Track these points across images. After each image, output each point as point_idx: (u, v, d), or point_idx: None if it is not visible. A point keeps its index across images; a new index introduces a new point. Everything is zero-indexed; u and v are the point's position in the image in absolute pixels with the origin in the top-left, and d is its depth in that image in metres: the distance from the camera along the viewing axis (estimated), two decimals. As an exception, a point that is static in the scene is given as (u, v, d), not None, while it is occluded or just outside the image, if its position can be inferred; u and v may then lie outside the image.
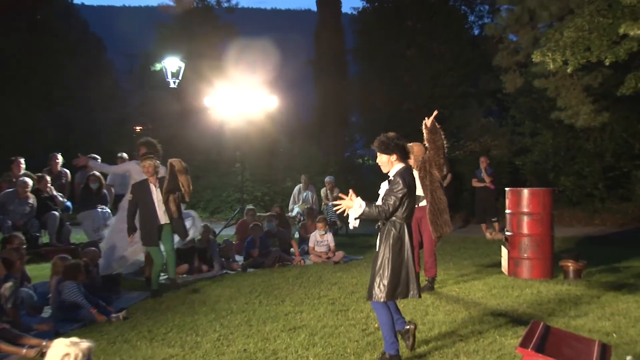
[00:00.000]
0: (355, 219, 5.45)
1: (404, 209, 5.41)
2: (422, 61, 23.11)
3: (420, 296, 5.63)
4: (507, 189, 10.06)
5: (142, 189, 8.89)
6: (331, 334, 6.43)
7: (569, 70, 12.57)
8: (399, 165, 5.47)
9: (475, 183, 15.31)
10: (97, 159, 13.16)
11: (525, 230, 9.45)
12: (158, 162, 9.07)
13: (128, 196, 9.30)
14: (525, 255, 9.37)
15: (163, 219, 8.90)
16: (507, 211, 9.79)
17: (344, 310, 7.48)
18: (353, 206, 5.36)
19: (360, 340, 6.19)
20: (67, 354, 3.54)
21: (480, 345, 5.91)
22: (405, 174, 5.42)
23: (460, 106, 22.40)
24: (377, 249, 5.55)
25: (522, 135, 19.53)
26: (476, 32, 26.18)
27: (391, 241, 5.41)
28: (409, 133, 8.19)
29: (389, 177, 5.52)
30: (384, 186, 5.57)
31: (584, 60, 11.70)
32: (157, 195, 8.84)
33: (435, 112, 7.94)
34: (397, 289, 5.41)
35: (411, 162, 8.22)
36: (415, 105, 22.15)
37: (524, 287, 8.55)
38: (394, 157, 5.46)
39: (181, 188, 8.88)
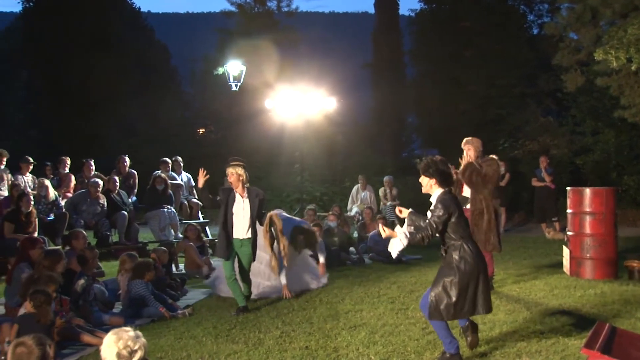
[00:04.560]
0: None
1: (455, 230, 5.39)
2: (479, 62, 22.92)
3: (490, 310, 5.55)
4: (568, 188, 9.87)
5: (224, 195, 7.96)
6: (391, 333, 6.45)
7: (633, 68, 12.33)
8: (439, 190, 5.45)
9: (535, 182, 15.10)
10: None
11: (587, 230, 9.26)
12: (242, 170, 7.91)
13: None
14: (588, 255, 9.19)
15: (242, 233, 7.94)
16: (569, 211, 9.61)
17: (403, 309, 7.48)
18: (397, 237, 5.44)
19: (420, 339, 6.17)
20: (136, 351, 3.41)
21: (542, 345, 5.83)
22: (445, 200, 5.38)
23: (518, 106, 22.10)
24: (440, 268, 5.53)
25: (583, 134, 19.14)
26: (535, 31, 25.81)
27: (454, 264, 5.35)
28: (466, 133, 8.16)
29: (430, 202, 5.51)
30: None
31: (649, 58, 11.46)
32: (241, 206, 7.90)
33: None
34: (456, 309, 5.33)
35: (472, 154, 8.31)
36: (472, 105, 21.97)
37: (586, 288, 8.39)
38: (433, 181, 5.45)
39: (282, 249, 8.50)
